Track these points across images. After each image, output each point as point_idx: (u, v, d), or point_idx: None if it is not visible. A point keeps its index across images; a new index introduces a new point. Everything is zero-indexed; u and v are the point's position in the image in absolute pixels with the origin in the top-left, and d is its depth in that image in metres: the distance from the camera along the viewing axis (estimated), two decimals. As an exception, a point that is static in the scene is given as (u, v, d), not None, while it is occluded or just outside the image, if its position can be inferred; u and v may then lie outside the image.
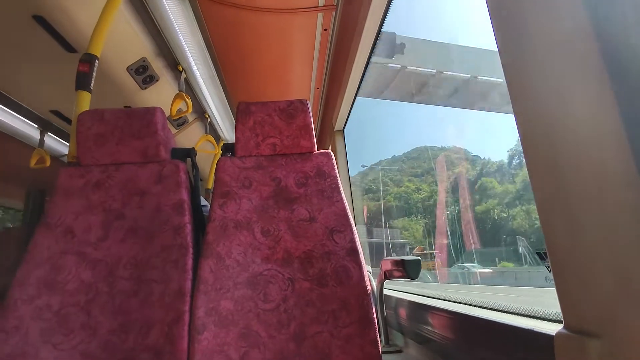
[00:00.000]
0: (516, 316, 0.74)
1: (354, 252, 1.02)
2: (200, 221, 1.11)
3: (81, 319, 0.92)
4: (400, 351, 1.22)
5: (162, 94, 2.04)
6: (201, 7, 1.65)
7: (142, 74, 1.86)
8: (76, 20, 1.40)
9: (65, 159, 2.41)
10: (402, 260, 0.96)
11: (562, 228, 0.47)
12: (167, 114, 1.23)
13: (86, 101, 1.21)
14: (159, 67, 1.92)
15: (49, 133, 2.24)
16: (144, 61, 1.81)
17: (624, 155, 0.40)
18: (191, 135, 2.64)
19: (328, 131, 2.65)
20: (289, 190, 1.12)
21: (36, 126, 2.15)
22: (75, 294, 0.95)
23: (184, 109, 1.98)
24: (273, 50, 1.99)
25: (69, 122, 2.08)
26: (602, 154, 0.42)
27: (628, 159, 0.39)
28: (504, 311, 0.79)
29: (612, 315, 0.40)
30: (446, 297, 1.08)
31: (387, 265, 1.14)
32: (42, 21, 1.35)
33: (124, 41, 1.65)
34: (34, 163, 2.07)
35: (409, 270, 0.94)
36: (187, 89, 2.12)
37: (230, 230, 1.04)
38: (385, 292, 1.31)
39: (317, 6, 1.62)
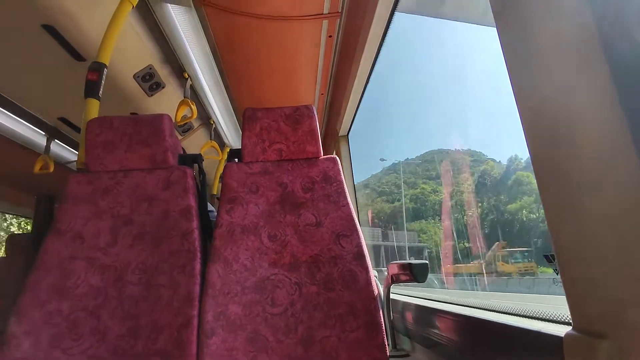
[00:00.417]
0: (524, 318, 0.74)
1: (360, 256, 1.02)
2: (208, 226, 1.12)
3: (90, 324, 0.93)
4: (407, 355, 1.22)
5: (168, 101, 2.06)
6: (207, 15, 1.67)
7: (149, 81, 1.89)
8: (85, 30, 1.43)
9: (72, 166, 2.45)
10: (410, 264, 0.97)
11: (570, 230, 0.47)
12: (173, 121, 1.24)
13: (95, 108, 1.23)
14: (165, 74, 1.95)
15: (56, 140, 2.26)
16: (150, 68, 1.83)
17: (629, 156, 0.40)
18: (196, 142, 2.66)
19: (332, 136, 2.66)
20: (295, 195, 1.12)
21: (43, 133, 2.18)
22: (85, 298, 0.96)
23: (189, 115, 2.00)
24: (278, 57, 2.01)
25: (76, 129, 2.10)
26: (608, 155, 0.43)
27: (633, 161, 0.40)
28: (513, 314, 0.79)
29: (621, 315, 0.41)
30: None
31: (394, 269, 1.14)
32: (52, 30, 1.37)
33: (131, 49, 1.67)
34: (38, 168, 2.09)
35: (416, 274, 0.94)
36: (193, 95, 2.14)
37: (237, 235, 1.05)
38: (392, 296, 1.31)
39: (322, 13, 1.64)
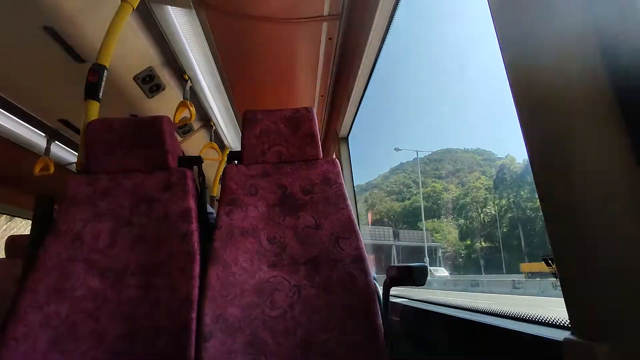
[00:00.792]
0: (523, 322, 0.74)
1: (359, 259, 1.02)
2: (207, 228, 1.12)
3: (89, 326, 0.92)
4: (406, 359, 1.21)
5: (168, 103, 2.06)
6: (207, 17, 1.67)
7: (149, 82, 1.89)
8: (85, 31, 1.43)
9: (72, 167, 2.45)
10: (409, 267, 0.96)
11: (569, 235, 0.47)
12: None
13: (95, 110, 1.23)
14: (165, 76, 1.95)
15: (56, 142, 2.26)
16: (150, 70, 1.83)
17: (628, 158, 0.40)
18: (196, 143, 2.66)
19: (332, 138, 2.66)
20: (294, 197, 1.12)
21: (44, 135, 2.18)
22: (84, 300, 0.95)
23: (188, 116, 2.00)
24: (278, 59, 2.01)
25: (76, 130, 2.10)
26: (606, 157, 0.43)
27: (632, 163, 0.40)
28: (510, 317, 0.79)
29: (620, 320, 0.41)
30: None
31: (393, 272, 1.13)
32: (52, 32, 1.37)
33: (131, 51, 1.67)
34: (38, 170, 2.09)
35: (415, 277, 0.94)
36: (193, 97, 2.14)
37: (236, 237, 1.05)
38: (392, 299, 1.31)
39: (322, 15, 1.64)
